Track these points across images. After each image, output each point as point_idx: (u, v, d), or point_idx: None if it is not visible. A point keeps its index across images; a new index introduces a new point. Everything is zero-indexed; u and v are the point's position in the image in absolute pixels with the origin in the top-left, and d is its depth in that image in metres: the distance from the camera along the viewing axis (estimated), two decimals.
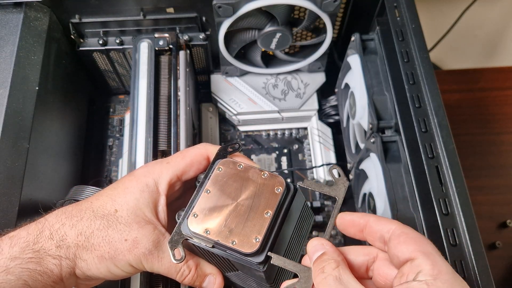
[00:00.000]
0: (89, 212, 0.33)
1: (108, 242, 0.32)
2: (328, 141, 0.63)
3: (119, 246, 0.32)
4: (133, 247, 0.32)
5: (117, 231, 0.33)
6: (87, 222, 0.32)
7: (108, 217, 0.33)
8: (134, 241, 0.33)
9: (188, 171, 0.36)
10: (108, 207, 0.33)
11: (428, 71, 0.46)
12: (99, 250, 0.32)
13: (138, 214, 0.33)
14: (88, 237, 0.32)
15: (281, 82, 0.64)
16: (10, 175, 0.41)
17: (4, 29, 0.48)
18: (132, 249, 0.32)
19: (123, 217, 0.33)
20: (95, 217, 0.33)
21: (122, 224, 0.33)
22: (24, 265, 0.30)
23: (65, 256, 0.31)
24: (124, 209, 0.33)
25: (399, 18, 0.51)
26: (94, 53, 0.58)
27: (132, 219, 0.33)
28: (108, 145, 0.65)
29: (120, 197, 0.34)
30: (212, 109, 0.66)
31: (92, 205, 0.34)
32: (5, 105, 0.43)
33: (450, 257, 0.37)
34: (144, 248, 0.33)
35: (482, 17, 1.02)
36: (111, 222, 0.33)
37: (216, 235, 0.31)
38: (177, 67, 0.53)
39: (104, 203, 0.34)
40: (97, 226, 0.32)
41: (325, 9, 0.51)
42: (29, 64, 0.47)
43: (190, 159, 0.36)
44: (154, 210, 0.34)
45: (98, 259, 0.32)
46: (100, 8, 0.53)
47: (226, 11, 0.50)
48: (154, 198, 0.35)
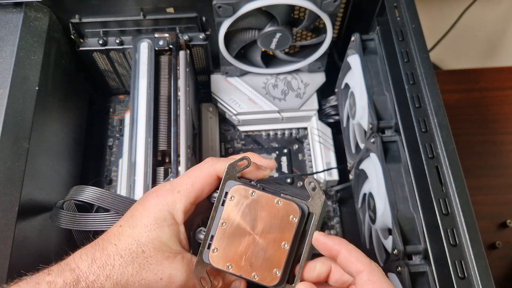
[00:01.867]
0: (118, 258, 0.33)
1: (145, 285, 0.33)
2: (328, 141, 0.63)
3: (156, 286, 0.33)
4: (170, 282, 0.33)
5: (151, 272, 0.33)
6: (120, 269, 0.32)
7: (137, 260, 0.33)
8: (169, 278, 0.33)
9: (200, 196, 0.36)
10: (134, 249, 0.33)
11: (428, 71, 0.46)
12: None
13: (165, 250, 0.33)
14: (124, 286, 0.32)
15: (281, 82, 0.64)
16: (10, 175, 0.41)
17: (4, 29, 0.48)
18: (169, 285, 0.33)
19: (152, 257, 0.33)
20: (126, 264, 0.33)
21: (153, 264, 0.33)
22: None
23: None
24: (150, 249, 0.33)
25: (399, 18, 0.51)
26: (94, 53, 0.58)
27: (161, 256, 0.33)
28: (108, 145, 0.65)
29: (142, 237, 0.33)
30: (212, 109, 0.66)
31: (117, 248, 0.33)
32: (5, 105, 0.43)
33: (450, 257, 0.37)
34: (179, 280, 0.33)
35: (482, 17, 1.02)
36: (142, 265, 0.33)
37: (238, 270, 0.33)
38: (177, 67, 0.53)
39: (129, 245, 0.33)
40: (131, 272, 0.32)
41: (325, 9, 0.51)
42: (29, 64, 0.47)
43: (200, 185, 0.35)
44: (177, 241, 0.34)
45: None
46: (100, 8, 0.53)
47: (226, 11, 0.50)
48: (174, 230, 0.34)
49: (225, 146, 0.66)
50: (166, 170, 0.47)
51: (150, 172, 0.46)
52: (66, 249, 0.35)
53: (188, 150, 0.50)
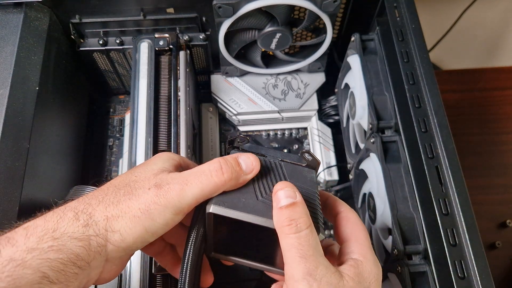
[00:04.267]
0: (111, 188, 0.32)
1: (136, 199, 0.31)
2: (328, 141, 0.63)
3: (146, 197, 0.31)
4: (158, 189, 0.31)
5: (139, 187, 0.32)
6: (112, 194, 0.31)
7: (130, 184, 0.32)
8: (156, 185, 0.31)
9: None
10: (129, 178, 0.33)
11: (428, 71, 0.46)
12: (130, 211, 0.30)
13: (154, 169, 0.33)
14: (117, 205, 0.31)
15: (281, 82, 0.64)
16: (10, 175, 0.41)
17: (4, 29, 0.48)
18: (158, 191, 0.31)
19: (141, 177, 0.32)
20: (119, 188, 0.32)
21: (141, 181, 0.32)
22: (43, 255, 0.27)
23: (94, 234, 0.29)
24: (142, 172, 0.33)
25: (399, 18, 0.51)
26: (94, 53, 0.58)
27: (150, 174, 0.33)
28: (108, 145, 0.65)
29: (138, 168, 0.34)
30: (212, 109, 0.66)
31: (113, 182, 0.33)
32: (5, 105, 0.43)
33: (450, 257, 0.37)
34: (167, 184, 0.31)
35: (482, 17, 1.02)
36: (133, 186, 0.32)
37: None
38: (177, 67, 0.53)
39: (125, 177, 0.33)
40: (122, 193, 0.31)
41: (325, 9, 0.51)
42: (29, 64, 0.47)
43: None
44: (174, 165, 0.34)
45: (131, 221, 0.30)
46: (100, 8, 0.53)
47: (226, 11, 0.50)
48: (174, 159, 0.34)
49: (225, 146, 0.66)
50: None
51: None
52: None
53: (188, 150, 0.50)
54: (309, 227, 0.30)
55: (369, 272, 0.32)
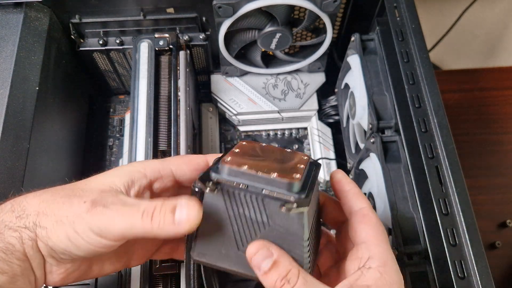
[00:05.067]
0: (60, 187, 0.31)
1: (68, 206, 0.30)
2: (328, 141, 0.63)
3: (77, 209, 0.29)
4: (91, 207, 0.29)
5: (78, 196, 0.30)
6: (51, 191, 0.31)
7: (74, 187, 0.31)
8: (93, 202, 0.29)
9: (183, 167, 0.34)
10: (81, 183, 0.32)
11: (428, 71, 0.46)
12: (58, 215, 0.29)
13: (105, 183, 0.31)
14: (50, 204, 0.30)
15: (281, 82, 0.64)
16: (10, 175, 0.41)
17: (4, 29, 0.48)
18: (90, 209, 0.29)
19: (89, 187, 0.31)
20: (62, 189, 0.31)
21: (85, 191, 0.30)
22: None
23: (24, 226, 0.29)
24: (95, 182, 0.31)
25: (399, 18, 0.51)
26: (94, 53, 0.58)
27: (98, 187, 0.31)
28: (108, 145, 0.65)
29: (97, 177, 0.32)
30: (212, 109, 0.66)
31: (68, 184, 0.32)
32: (5, 105, 0.43)
33: (450, 257, 0.37)
34: (101, 206, 0.29)
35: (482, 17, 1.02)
36: (75, 191, 0.31)
37: (254, 169, 0.28)
38: (177, 67, 0.53)
39: (82, 182, 0.32)
40: (61, 195, 0.30)
41: (325, 9, 0.51)
42: (29, 64, 0.47)
43: (187, 158, 0.35)
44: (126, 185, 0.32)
45: (57, 224, 0.29)
46: (100, 8, 0.53)
47: (226, 11, 0.50)
48: (133, 176, 0.32)
49: (225, 146, 0.66)
50: None
51: None
52: None
53: (188, 150, 0.50)
54: (299, 274, 0.28)
55: (390, 284, 0.29)
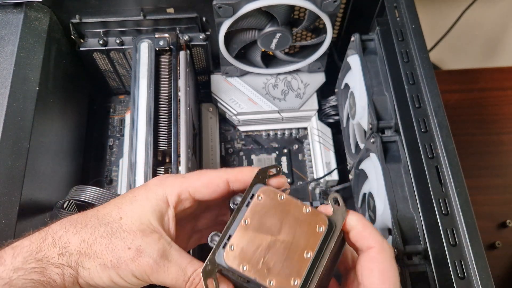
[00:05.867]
0: (94, 219, 0.32)
1: (111, 250, 0.31)
2: (328, 141, 0.63)
3: (122, 255, 0.31)
4: (137, 256, 0.31)
5: (121, 239, 0.31)
6: (91, 229, 0.31)
7: (112, 225, 0.32)
8: (138, 250, 0.31)
9: (202, 191, 0.34)
10: (114, 215, 0.32)
11: (428, 71, 0.46)
12: (102, 258, 0.31)
13: (142, 222, 0.32)
14: (91, 245, 0.31)
15: (281, 82, 0.64)
16: (11, 175, 0.41)
17: (5, 29, 0.48)
18: (136, 258, 0.31)
19: (127, 225, 0.32)
20: (100, 224, 0.32)
21: (126, 232, 0.31)
22: (27, 275, 0.29)
23: (67, 264, 0.30)
24: (129, 216, 0.32)
25: (399, 18, 0.51)
26: (95, 53, 0.58)
27: (136, 227, 0.32)
28: (108, 145, 0.65)
29: (126, 205, 0.33)
30: (212, 109, 0.66)
31: (98, 213, 0.33)
32: (6, 105, 0.43)
33: (450, 257, 0.37)
34: (148, 257, 0.31)
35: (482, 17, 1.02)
36: (114, 230, 0.31)
37: (253, 272, 0.30)
38: (177, 67, 0.53)
39: (110, 210, 0.32)
40: (101, 233, 0.31)
41: (325, 9, 0.51)
42: (30, 64, 0.47)
43: (207, 179, 0.34)
44: (160, 220, 0.33)
45: (100, 267, 0.30)
46: (101, 9, 0.53)
47: (226, 11, 0.50)
48: (161, 208, 0.33)
49: (225, 146, 0.66)
50: (167, 170, 0.47)
51: (150, 172, 0.46)
52: None
53: (188, 150, 0.50)
54: None
55: None
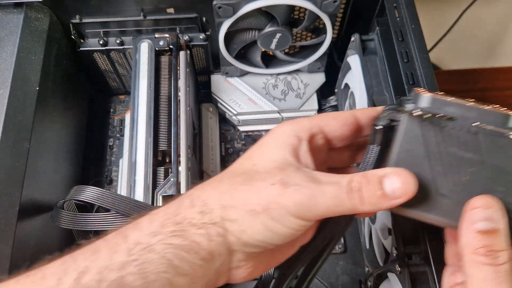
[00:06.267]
0: (228, 173, 0.30)
1: (256, 192, 0.27)
2: None
3: (268, 193, 0.27)
4: (283, 187, 0.27)
5: (261, 180, 0.27)
6: (228, 180, 0.29)
7: (248, 172, 0.29)
8: (282, 183, 0.27)
9: (332, 123, 0.31)
10: (246, 164, 0.30)
11: (428, 72, 0.46)
12: (248, 204, 0.27)
13: (276, 159, 0.29)
14: (233, 194, 0.27)
15: (281, 83, 0.64)
16: (11, 175, 0.41)
17: (5, 30, 0.48)
18: (283, 191, 0.27)
19: (262, 167, 0.28)
20: (235, 175, 0.29)
21: (264, 173, 0.28)
22: (167, 240, 0.26)
23: (210, 222, 0.27)
24: (261, 159, 0.29)
25: (398, 19, 0.51)
26: (95, 54, 0.58)
27: (272, 166, 0.28)
28: (108, 145, 0.65)
29: (256, 152, 0.30)
30: (212, 109, 0.66)
31: (230, 168, 0.30)
32: (6, 106, 0.43)
33: None
34: (295, 185, 0.27)
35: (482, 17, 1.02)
36: (251, 175, 0.28)
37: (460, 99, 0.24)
38: (177, 67, 0.53)
39: (242, 162, 0.30)
40: (239, 181, 0.28)
41: (325, 9, 0.51)
42: (30, 64, 0.47)
43: (334, 114, 0.31)
44: (294, 154, 0.29)
45: (249, 214, 0.27)
46: (101, 9, 0.53)
47: (226, 11, 0.50)
48: (292, 142, 0.29)
49: (225, 146, 0.66)
50: (167, 170, 0.47)
51: (150, 172, 0.46)
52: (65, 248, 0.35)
53: (189, 150, 0.50)
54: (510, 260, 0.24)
55: None
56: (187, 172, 0.47)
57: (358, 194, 0.26)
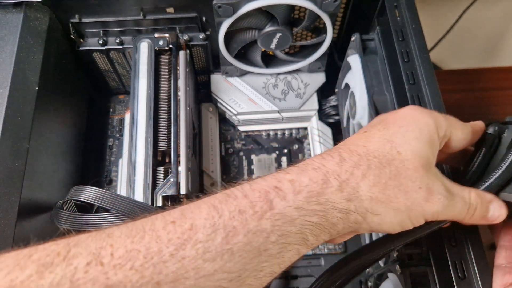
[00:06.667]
0: (371, 158, 0.29)
1: (404, 192, 0.28)
2: (328, 141, 0.63)
3: (415, 196, 0.28)
4: (429, 194, 0.29)
5: (409, 179, 0.28)
6: (376, 170, 0.28)
7: (394, 163, 0.29)
8: (428, 189, 0.29)
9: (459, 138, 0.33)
10: (388, 150, 0.29)
11: (428, 71, 0.46)
12: (396, 202, 0.28)
13: (422, 156, 0.29)
14: (383, 189, 0.28)
15: (281, 82, 0.64)
16: (10, 175, 0.41)
17: (4, 29, 0.48)
18: (428, 197, 0.28)
19: (409, 161, 0.29)
20: (382, 164, 0.28)
21: (411, 170, 0.29)
22: (308, 217, 0.27)
23: (355, 210, 0.28)
24: (407, 150, 0.29)
25: (399, 18, 0.51)
26: (94, 53, 0.58)
27: (418, 162, 0.29)
28: (108, 145, 0.65)
29: (398, 138, 0.29)
30: (212, 109, 0.66)
31: (368, 149, 0.29)
32: (5, 105, 0.43)
33: (450, 257, 0.37)
34: (439, 194, 0.29)
35: (483, 17, 1.02)
36: (400, 169, 0.28)
37: None
38: (177, 67, 0.53)
39: (382, 145, 0.29)
40: (388, 174, 0.28)
41: (325, 9, 0.51)
42: (29, 64, 0.47)
43: (464, 123, 0.33)
44: (434, 154, 0.30)
45: (394, 212, 0.28)
46: (100, 8, 0.53)
47: (226, 11, 0.50)
48: (434, 140, 0.30)
49: (225, 146, 0.66)
50: (166, 170, 0.47)
51: (150, 172, 0.46)
52: None
53: (188, 150, 0.50)
54: None
55: None
56: (187, 172, 0.47)
57: (473, 212, 0.31)
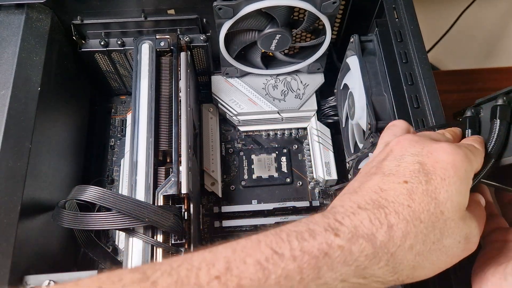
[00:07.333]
0: (418, 223, 0.27)
1: (445, 253, 0.28)
2: (327, 141, 0.64)
3: (455, 251, 0.29)
4: (466, 243, 0.29)
5: (449, 237, 0.28)
6: (422, 238, 0.27)
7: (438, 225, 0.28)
8: (466, 238, 0.29)
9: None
10: (433, 210, 0.28)
11: (426, 72, 0.47)
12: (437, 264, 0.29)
13: (461, 209, 0.29)
14: (427, 256, 0.28)
15: (281, 83, 0.65)
16: (12, 175, 0.42)
17: (6, 30, 0.48)
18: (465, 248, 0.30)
19: (450, 219, 0.28)
20: (427, 230, 0.28)
21: (452, 227, 0.28)
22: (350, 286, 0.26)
23: (395, 279, 0.28)
24: (449, 208, 0.28)
25: (397, 20, 0.51)
26: (96, 54, 0.59)
27: (458, 217, 0.29)
28: (109, 145, 0.65)
29: (441, 193, 0.28)
30: (212, 109, 0.66)
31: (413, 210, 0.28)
32: (7, 106, 0.44)
33: None
34: (474, 243, 0.30)
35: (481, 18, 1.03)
36: (442, 230, 0.28)
37: None
38: (178, 68, 0.53)
39: (427, 205, 0.28)
40: (432, 239, 0.28)
41: (324, 10, 0.51)
42: (31, 65, 0.47)
43: None
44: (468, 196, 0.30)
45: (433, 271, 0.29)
46: (102, 10, 0.54)
47: (227, 12, 0.51)
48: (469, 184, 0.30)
49: (226, 146, 0.66)
50: (167, 170, 0.48)
51: (151, 172, 0.46)
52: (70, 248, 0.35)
53: (189, 150, 0.50)
54: None
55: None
56: (187, 172, 0.47)
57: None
